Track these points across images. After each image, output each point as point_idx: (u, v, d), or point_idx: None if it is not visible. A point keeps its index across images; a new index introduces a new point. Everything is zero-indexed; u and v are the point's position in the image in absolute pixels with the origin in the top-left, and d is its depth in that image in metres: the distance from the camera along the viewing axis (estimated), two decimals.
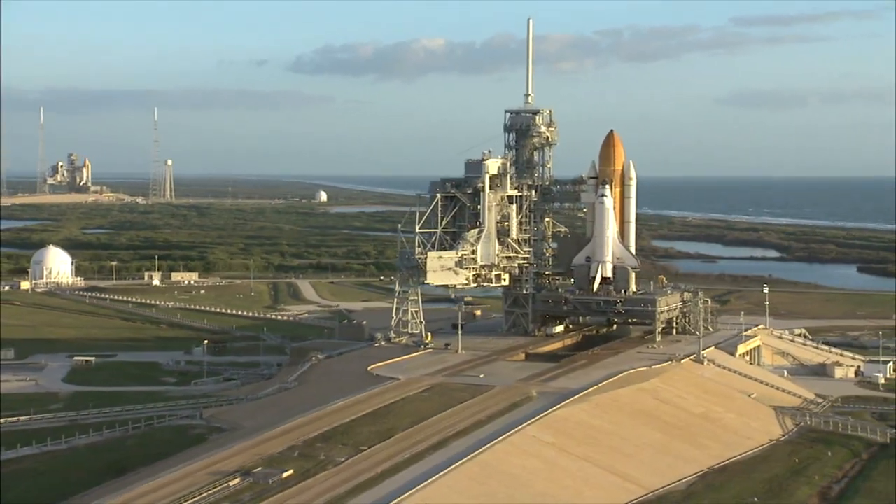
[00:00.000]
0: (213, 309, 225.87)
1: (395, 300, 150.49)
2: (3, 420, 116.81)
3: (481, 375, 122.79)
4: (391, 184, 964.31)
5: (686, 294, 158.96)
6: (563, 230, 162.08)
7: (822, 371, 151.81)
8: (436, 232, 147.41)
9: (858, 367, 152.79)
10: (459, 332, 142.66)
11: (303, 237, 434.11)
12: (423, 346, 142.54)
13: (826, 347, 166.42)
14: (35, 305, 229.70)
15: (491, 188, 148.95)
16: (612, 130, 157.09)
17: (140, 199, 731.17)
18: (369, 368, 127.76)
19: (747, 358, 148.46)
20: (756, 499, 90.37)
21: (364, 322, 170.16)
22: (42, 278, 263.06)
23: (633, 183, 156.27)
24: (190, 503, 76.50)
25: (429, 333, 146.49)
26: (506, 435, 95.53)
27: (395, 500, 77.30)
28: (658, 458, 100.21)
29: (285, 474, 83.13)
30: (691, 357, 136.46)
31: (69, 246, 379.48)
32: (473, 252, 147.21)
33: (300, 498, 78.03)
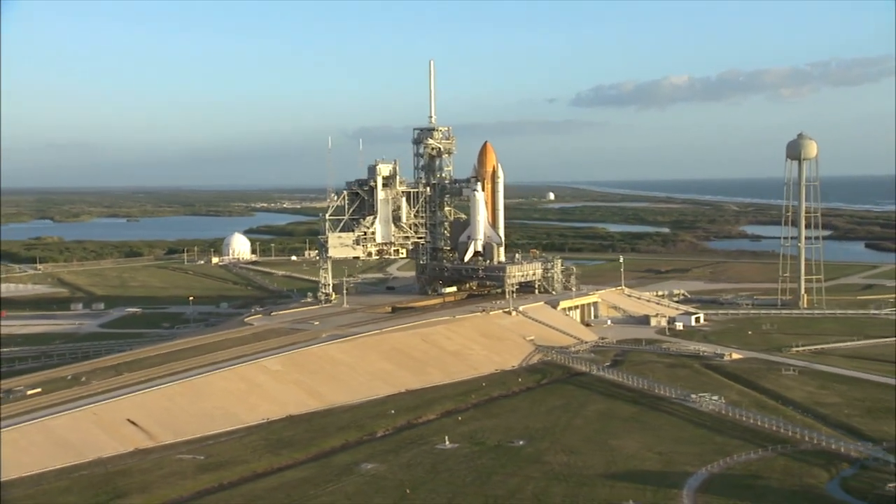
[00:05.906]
0: (308, 277, 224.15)
1: (319, 268, 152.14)
2: None
3: (316, 323, 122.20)
4: (646, 186, 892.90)
5: (548, 264, 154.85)
6: (462, 217, 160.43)
7: (644, 321, 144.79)
8: (343, 219, 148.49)
9: (672, 317, 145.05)
10: (345, 290, 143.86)
11: None
12: (324, 302, 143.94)
13: (667, 303, 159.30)
14: (200, 274, 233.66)
15: (385, 186, 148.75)
16: (486, 142, 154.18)
17: None
18: (245, 319, 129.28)
19: (572, 312, 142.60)
20: (393, 411, 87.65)
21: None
22: (228, 255, 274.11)
23: (501, 181, 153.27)
24: None
25: (333, 293, 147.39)
26: (240, 364, 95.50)
27: (70, 412, 79.38)
28: (368, 382, 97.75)
29: (31, 392, 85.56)
30: (505, 309, 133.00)
31: (301, 233, 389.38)
32: (373, 233, 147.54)
33: (12, 408, 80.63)
